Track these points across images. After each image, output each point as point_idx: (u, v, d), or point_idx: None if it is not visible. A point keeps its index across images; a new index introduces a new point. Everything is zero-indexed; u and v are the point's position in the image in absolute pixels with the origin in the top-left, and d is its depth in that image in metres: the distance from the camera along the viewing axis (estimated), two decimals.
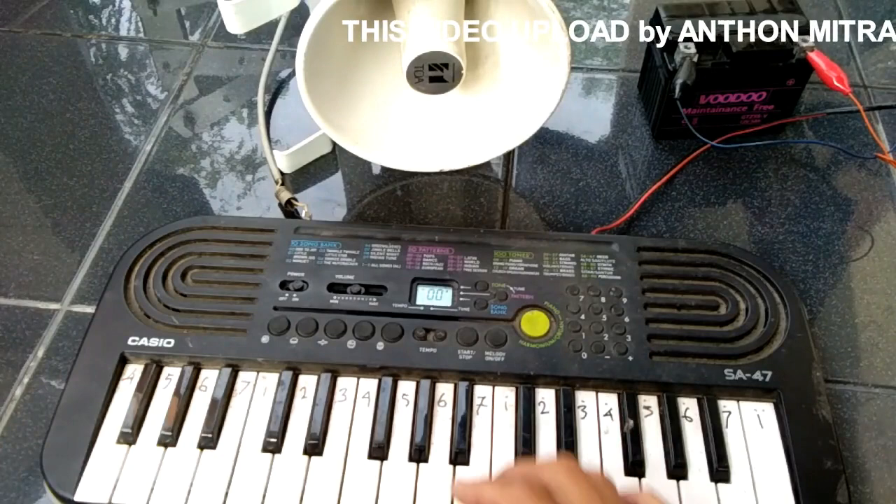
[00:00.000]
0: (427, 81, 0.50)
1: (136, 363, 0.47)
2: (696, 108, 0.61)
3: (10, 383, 0.50)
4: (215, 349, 0.47)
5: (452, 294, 0.50)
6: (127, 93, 0.70)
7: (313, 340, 0.47)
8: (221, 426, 0.45)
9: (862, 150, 0.63)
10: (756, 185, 0.61)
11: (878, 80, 0.70)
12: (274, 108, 0.68)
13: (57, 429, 0.44)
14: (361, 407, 0.46)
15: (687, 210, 0.59)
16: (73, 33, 0.75)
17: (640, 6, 0.79)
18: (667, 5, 0.61)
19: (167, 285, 0.50)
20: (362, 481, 0.43)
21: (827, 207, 0.60)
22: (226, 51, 0.74)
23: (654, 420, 0.45)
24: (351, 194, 0.62)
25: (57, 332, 0.52)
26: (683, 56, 0.58)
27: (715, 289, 0.50)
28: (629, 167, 0.63)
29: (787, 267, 0.56)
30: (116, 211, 0.60)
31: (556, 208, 0.60)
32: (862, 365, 0.51)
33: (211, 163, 0.64)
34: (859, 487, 0.45)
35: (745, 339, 0.48)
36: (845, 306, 0.54)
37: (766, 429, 0.45)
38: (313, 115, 0.51)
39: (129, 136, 0.66)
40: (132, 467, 0.43)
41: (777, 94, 0.61)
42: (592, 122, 0.67)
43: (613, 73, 0.71)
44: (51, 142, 0.65)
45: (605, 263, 0.51)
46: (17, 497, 0.45)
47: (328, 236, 0.53)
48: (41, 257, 0.57)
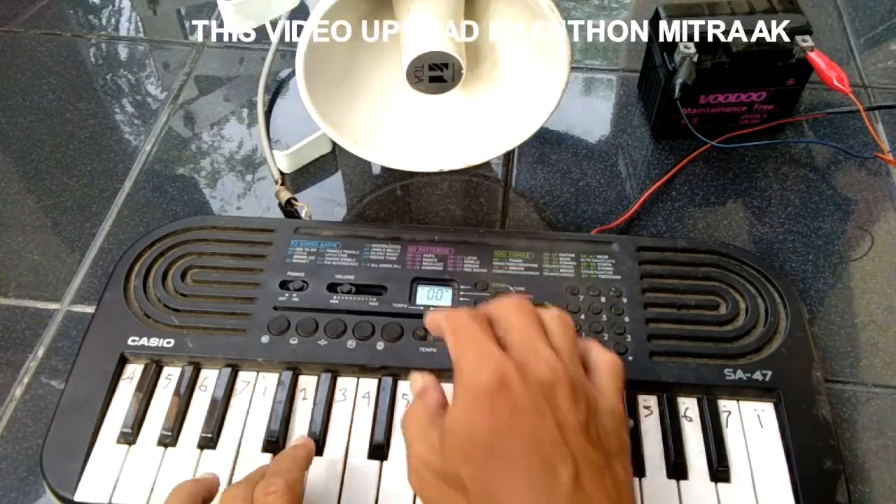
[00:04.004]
0: (427, 81, 0.50)
1: (136, 363, 0.47)
2: (695, 108, 0.61)
3: (10, 383, 0.50)
4: (215, 349, 0.47)
5: (452, 294, 0.50)
6: (127, 93, 0.70)
7: (313, 340, 0.47)
8: (221, 426, 0.45)
9: (862, 149, 0.63)
10: (756, 184, 0.61)
11: (878, 80, 0.70)
12: (274, 108, 0.68)
13: (57, 429, 0.44)
14: (361, 407, 0.46)
15: (687, 210, 0.59)
16: (73, 33, 0.75)
17: (640, 6, 0.79)
18: (667, 5, 0.61)
19: (167, 285, 0.50)
20: (362, 481, 0.43)
21: (827, 207, 0.60)
22: (226, 51, 0.74)
23: (653, 420, 0.45)
24: (351, 194, 0.62)
25: (57, 332, 0.52)
26: (683, 56, 0.58)
27: (715, 289, 0.50)
28: (629, 167, 0.63)
29: (787, 267, 0.56)
30: (116, 211, 0.60)
31: (556, 208, 0.60)
32: (862, 365, 0.51)
33: (211, 163, 0.64)
34: (859, 487, 0.45)
35: (745, 339, 0.48)
36: (845, 306, 0.54)
37: (765, 428, 0.45)
38: (313, 115, 0.51)
39: (128, 136, 0.66)
40: (132, 467, 0.43)
41: (777, 94, 0.61)
42: (592, 122, 0.67)
43: (613, 73, 0.71)
44: (51, 142, 0.65)
45: (605, 263, 0.51)
46: (17, 497, 0.45)
47: (328, 236, 0.53)
48: (41, 257, 0.57)
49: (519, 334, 0.35)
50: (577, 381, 0.34)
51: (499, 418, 0.32)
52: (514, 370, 0.33)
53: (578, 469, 0.31)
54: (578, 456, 0.31)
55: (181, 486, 0.37)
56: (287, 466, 0.37)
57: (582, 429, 0.32)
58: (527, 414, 0.32)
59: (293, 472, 0.37)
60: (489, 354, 0.33)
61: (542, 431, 0.31)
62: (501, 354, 0.34)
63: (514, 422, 0.32)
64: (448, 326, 0.36)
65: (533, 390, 0.32)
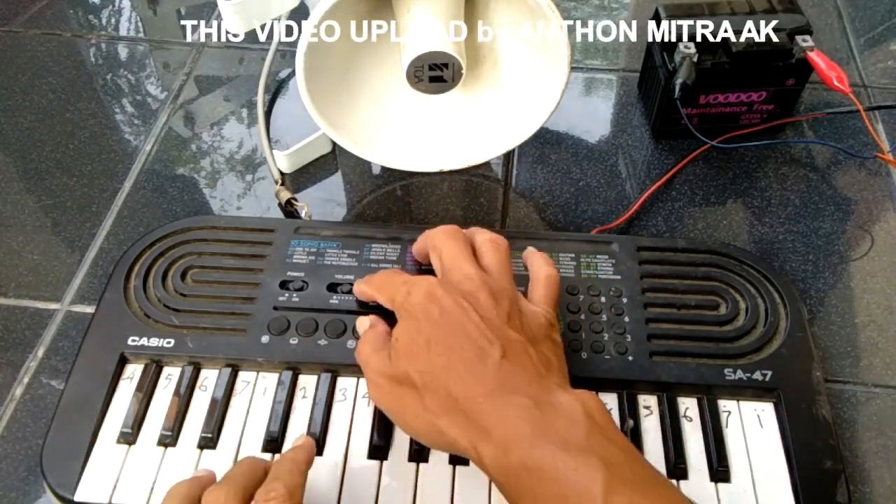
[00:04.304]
0: (427, 81, 0.50)
1: (135, 363, 0.47)
2: (695, 108, 0.61)
3: (10, 383, 0.50)
4: (215, 349, 0.47)
5: None
6: (127, 93, 0.70)
7: (313, 340, 0.47)
8: (221, 426, 0.45)
9: (862, 149, 0.63)
10: (756, 184, 0.61)
11: (878, 80, 0.70)
12: (274, 108, 0.68)
13: (57, 429, 0.44)
14: (361, 407, 0.46)
15: (687, 210, 0.59)
16: (73, 33, 0.75)
17: (640, 6, 0.79)
18: (667, 5, 0.61)
19: (167, 285, 0.50)
20: (362, 481, 0.43)
21: (827, 207, 0.60)
22: (226, 51, 0.74)
23: (653, 420, 0.45)
24: (351, 194, 0.62)
25: (57, 332, 0.52)
26: (683, 56, 0.58)
27: (715, 288, 0.50)
28: (629, 167, 0.63)
29: (787, 267, 0.56)
30: (116, 211, 0.60)
31: (556, 208, 0.60)
32: (862, 365, 0.51)
33: (211, 163, 0.64)
34: (859, 487, 0.45)
35: (745, 339, 0.48)
36: (845, 306, 0.54)
37: (765, 428, 0.45)
38: (313, 115, 0.51)
39: (128, 135, 0.66)
40: (132, 467, 0.43)
41: (777, 94, 0.61)
42: (592, 122, 0.67)
43: (613, 73, 0.71)
44: (51, 142, 0.65)
45: (605, 263, 0.51)
46: (17, 497, 0.45)
47: (328, 236, 0.53)
48: (41, 257, 0.57)
49: (447, 257, 0.41)
50: (499, 287, 0.40)
51: (431, 320, 0.38)
52: (439, 286, 0.39)
53: (505, 349, 0.36)
54: (503, 340, 0.37)
55: (177, 487, 0.37)
56: (287, 470, 0.37)
57: (503, 319, 0.38)
58: (453, 313, 0.37)
59: (294, 476, 0.37)
60: (418, 282, 0.40)
61: (468, 324, 0.37)
62: (427, 278, 0.40)
63: (444, 319, 0.37)
64: (372, 288, 0.44)
65: (456, 296, 0.38)
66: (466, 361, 0.36)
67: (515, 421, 0.34)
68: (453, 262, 0.41)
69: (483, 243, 0.43)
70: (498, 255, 0.42)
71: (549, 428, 0.34)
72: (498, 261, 0.42)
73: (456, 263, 0.41)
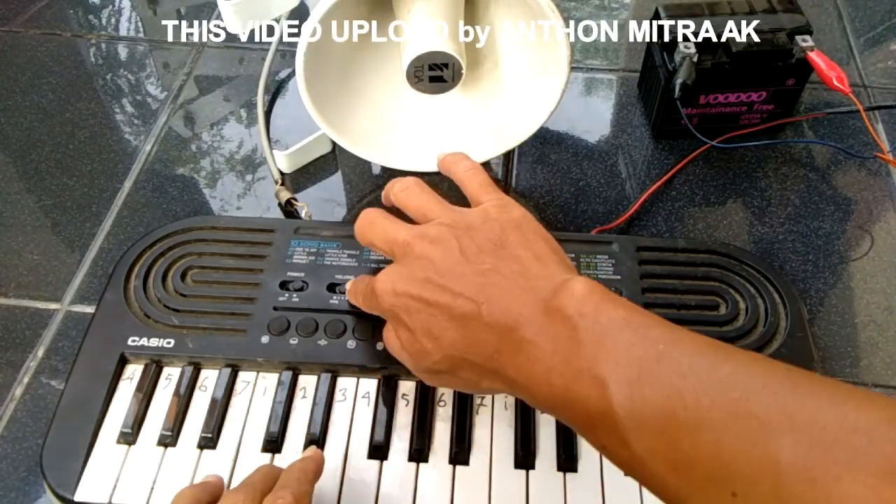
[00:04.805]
0: (427, 81, 0.50)
1: (136, 363, 0.47)
2: (695, 108, 0.61)
3: (10, 383, 0.50)
4: (215, 349, 0.47)
5: None
6: (127, 93, 0.70)
7: (313, 340, 0.47)
8: (221, 426, 0.45)
9: (862, 149, 0.63)
10: (756, 184, 0.61)
11: (878, 80, 0.70)
12: (274, 108, 0.68)
13: (57, 429, 0.44)
14: (361, 407, 0.46)
15: (687, 210, 0.59)
16: (73, 33, 0.75)
17: (640, 6, 0.79)
18: (667, 5, 0.61)
19: (167, 285, 0.50)
20: (362, 481, 0.43)
21: (827, 207, 0.60)
22: (226, 51, 0.74)
23: None
24: (351, 194, 0.62)
25: (57, 332, 0.52)
26: (683, 56, 0.58)
27: (715, 289, 0.50)
28: (629, 167, 0.63)
29: (787, 267, 0.56)
30: (116, 211, 0.60)
31: (555, 208, 0.60)
32: (862, 365, 0.51)
33: (211, 163, 0.64)
34: None
35: (745, 339, 0.48)
36: (845, 306, 0.54)
37: None
38: (313, 116, 0.51)
39: (128, 135, 0.66)
40: (132, 467, 0.43)
41: (777, 94, 0.61)
42: (592, 122, 0.67)
43: (613, 73, 0.71)
44: (51, 142, 0.65)
45: (605, 263, 0.51)
46: (17, 497, 0.45)
47: (328, 236, 0.53)
48: (41, 257, 0.57)
49: (414, 210, 0.42)
50: (460, 220, 0.39)
51: (414, 261, 0.38)
52: (413, 234, 0.39)
53: (488, 295, 0.36)
54: (475, 289, 0.36)
55: (183, 493, 0.37)
56: (296, 478, 0.37)
57: (483, 238, 0.38)
58: (434, 248, 0.38)
59: (302, 484, 0.37)
60: (393, 240, 0.40)
61: (453, 251, 0.37)
62: (402, 230, 0.40)
63: (426, 252, 0.38)
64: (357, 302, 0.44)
65: (431, 237, 0.38)
66: (467, 338, 0.36)
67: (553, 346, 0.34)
68: (419, 211, 0.42)
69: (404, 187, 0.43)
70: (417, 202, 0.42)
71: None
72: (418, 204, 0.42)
73: (422, 213, 0.41)
